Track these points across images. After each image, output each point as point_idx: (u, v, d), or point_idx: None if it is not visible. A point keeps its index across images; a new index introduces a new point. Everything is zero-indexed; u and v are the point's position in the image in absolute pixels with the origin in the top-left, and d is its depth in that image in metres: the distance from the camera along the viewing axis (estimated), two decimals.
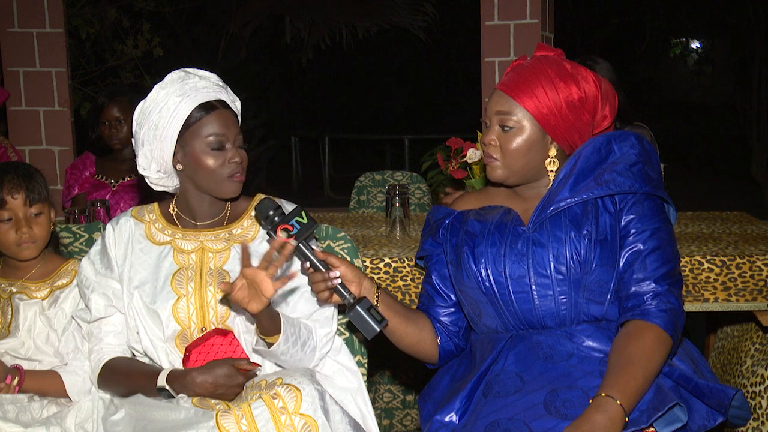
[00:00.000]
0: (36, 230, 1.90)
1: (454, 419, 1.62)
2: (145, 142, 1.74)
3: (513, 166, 1.69)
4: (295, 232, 1.62)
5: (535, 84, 1.65)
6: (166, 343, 1.75)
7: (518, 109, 1.66)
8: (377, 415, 2.99)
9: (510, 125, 1.67)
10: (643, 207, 1.64)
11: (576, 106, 1.66)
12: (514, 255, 1.65)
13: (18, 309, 1.89)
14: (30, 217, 1.89)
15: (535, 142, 1.67)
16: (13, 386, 1.78)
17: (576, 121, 1.67)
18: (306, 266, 1.67)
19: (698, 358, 1.75)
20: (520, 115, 1.66)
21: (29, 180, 1.90)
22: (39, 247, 1.92)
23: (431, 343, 1.81)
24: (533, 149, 1.68)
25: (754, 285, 2.16)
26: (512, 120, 1.66)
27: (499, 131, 1.68)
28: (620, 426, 1.43)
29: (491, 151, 1.70)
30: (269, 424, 1.49)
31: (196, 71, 1.78)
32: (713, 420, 1.56)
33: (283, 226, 1.62)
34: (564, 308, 1.63)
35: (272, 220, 1.64)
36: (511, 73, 1.71)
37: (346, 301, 1.66)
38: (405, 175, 3.78)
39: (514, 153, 1.67)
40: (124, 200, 3.05)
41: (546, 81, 1.65)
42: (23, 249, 1.90)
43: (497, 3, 3.73)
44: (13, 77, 3.82)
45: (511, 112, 1.66)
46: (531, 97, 1.65)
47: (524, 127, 1.66)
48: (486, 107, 1.73)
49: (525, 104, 1.65)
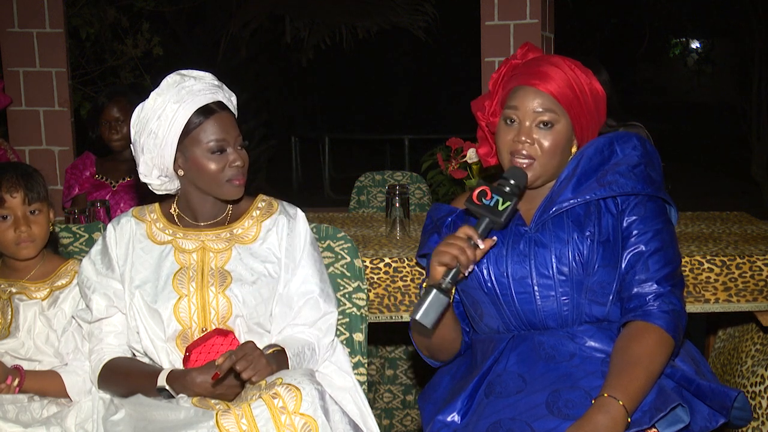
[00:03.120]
0: (35, 229, 1.90)
1: (456, 419, 1.62)
2: (145, 150, 1.74)
3: (549, 164, 1.65)
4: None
5: (561, 75, 1.64)
6: (166, 342, 1.75)
7: (553, 103, 1.63)
8: (377, 415, 2.99)
9: (548, 120, 1.63)
10: (645, 208, 1.64)
11: (598, 95, 1.68)
12: (516, 255, 1.65)
13: (18, 309, 1.89)
14: (28, 215, 1.89)
15: (568, 137, 1.67)
16: (13, 387, 1.78)
17: (596, 111, 1.68)
18: (477, 239, 1.57)
19: (699, 358, 1.75)
20: (557, 109, 1.64)
21: (28, 179, 1.90)
22: (38, 246, 1.92)
23: (462, 339, 1.80)
24: (566, 145, 1.67)
25: (754, 285, 2.16)
26: (550, 115, 1.63)
27: (535, 129, 1.64)
28: (622, 426, 1.43)
29: (529, 150, 1.64)
30: (269, 423, 1.49)
31: (191, 72, 1.77)
32: (715, 421, 1.56)
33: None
34: (566, 309, 1.63)
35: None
36: (531, 68, 1.68)
37: (446, 284, 1.53)
38: (405, 175, 3.78)
39: (551, 151, 1.64)
40: (124, 200, 3.05)
41: (569, 72, 1.65)
42: (22, 248, 1.89)
43: (497, 3, 3.73)
44: (13, 77, 3.82)
45: (548, 108, 1.63)
46: (562, 88, 1.63)
47: (560, 121, 1.64)
48: (506, 105, 1.68)
49: (558, 97, 1.63)
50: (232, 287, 1.75)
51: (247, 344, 1.60)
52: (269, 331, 1.82)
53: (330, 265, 2.01)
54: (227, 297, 1.74)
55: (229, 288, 1.75)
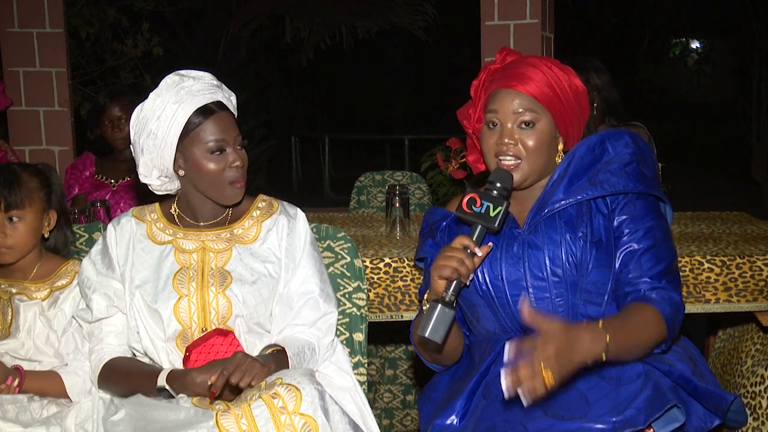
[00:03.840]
0: (10, 238, 1.86)
1: (454, 422, 1.62)
2: (145, 151, 1.74)
3: (535, 164, 1.65)
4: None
5: (539, 75, 1.64)
6: (166, 342, 1.75)
7: (533, 103, 1.64)
8: (377, 415, 2.99)
9: (529, 119, 1.63)
10: (635, 206, 1.64)
11: (580, 93, 1.68)
12: (509, 258, 1.65)
13: (18, 310, 1.89)
14: (5, 223, 1.86)
15: (552, 135, 1.66)
16: (13, 387, 1.78)
17: (578, 107, 1.67)
18: (474, 248, 1.57)
19: (698, 358, 1.75)
20: (537, 109, 1.64)
21: (8, 186, 1.85)
22: (16, 253, 1.89)
23: (464, 343, 1.80)
24: (551, 143, 1.67)
25: (754, 285, 2.16)
26: (531, 115, 1.63)
27: (517, 129, 1.65)
28: (596, 356, 1.41)
29: (513, 151, 1.64)
30: (269, 423, 1.49)
31: (190, 72, 1.77)
32: (710, 422, 1.57)
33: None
34: (561, 310, 1.63)
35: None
36: (509, 71, 1.69)
37: (447, 296, 1.54)
38: (405, 175, 3.78)
39: (536, 149, 1.64)
40: (124, 200, 3.05)
41: (547, 71, 1.65)
42: (1, 254, 1.87)
43: (497, 3, 3.73)
44: (13, 77, 3.82)
45: (528, 107, 1.64)
46: (541, 87, 1.63)
47: (542, 120, 1.64)
48: (487, 109, 1.69)
49: (537, 96, 1.63)
50: (232, 287, 1.75)
51: (236, 356, 1.58)
52: (269, 331, 1.82)
53: (330, 265, 2.01)
54: (227, 297, 1.74)
55: (229, 288, 1.75)
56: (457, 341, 1.76)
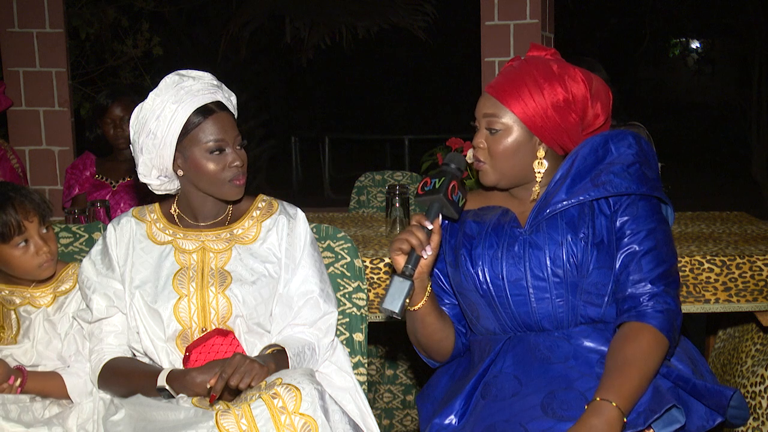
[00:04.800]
0: (52, 248, 1.89)
1: (453, 422, 1.62)
2: (144, 150, 1.74)
3: (502, 168, 1.68)
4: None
5: (521, 86, 1.65)
6: (166, 342, 1.75)
7: (504, 112, 1.66)
8: (377, 415, 2.99)
9: (497, 128, 1.66)
10: (638, 208, 1.63)
11: (561, 107, 1.65)
12: (510, 257, 1.65)
13: (23, 320, 1.89)
14: (43, 234, 1.88)
15: (523, 143, 1.67)
16: (15, 387, 1.78)
17: (562, 122, 1.66)
18: (424, 221, 1.62)
19: (698, 358, 1.75)
20: (506, 118, 1.66)
21: (37, 201, 1.88)
22: (55, 263, 1.93)
23: (453, 340, 1.80)
24: (521, 151, 1.67)
25: (754, 285, 2.16)
26: (499, 122, 1.66)
27: (486, 134, 1.69)
28: (618, 427, 1.43)
29: (479, 154, 1.70)
30: (269, 423, 1.49)
31: (190, 72, 1.77)
32: (712, 420, 1.56)
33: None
34: (561, 311, 1.63)
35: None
36: (498, 76, 1.71)
37: (407, 270, 1.59)
38: (405, 175, 3.78)
39: (501, 155, 1.67)
40: (124, 200, 3.05)
41: (531, 83, 1.65)
42: (44, 269, 1.89)
43: (497, 3, 3.73)
44: (13, 77, 3.82)
45: (497, 115, 1.66)
46: (517, 100, 1.64)
47: (511, 129, 1.66)
48: (475, 110, 1.73)
49: (511, 107, 1.65)
50: (232, 287, 1.75)
51: (235, 358, 1.59)
52: (269, 331, 1.82)
53: (330, 265, 2.01)
54: (227, 297, 1.74)
55: (229, 288, 1.75)
56: (439, 334, 1.76)
